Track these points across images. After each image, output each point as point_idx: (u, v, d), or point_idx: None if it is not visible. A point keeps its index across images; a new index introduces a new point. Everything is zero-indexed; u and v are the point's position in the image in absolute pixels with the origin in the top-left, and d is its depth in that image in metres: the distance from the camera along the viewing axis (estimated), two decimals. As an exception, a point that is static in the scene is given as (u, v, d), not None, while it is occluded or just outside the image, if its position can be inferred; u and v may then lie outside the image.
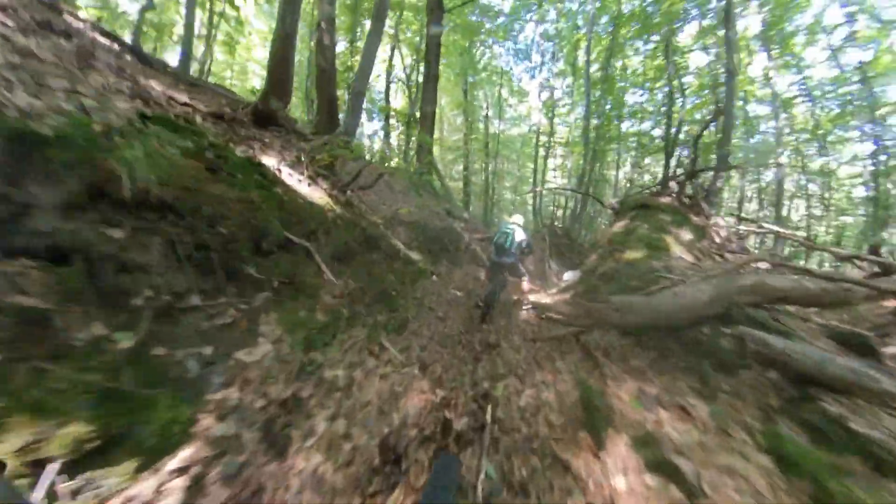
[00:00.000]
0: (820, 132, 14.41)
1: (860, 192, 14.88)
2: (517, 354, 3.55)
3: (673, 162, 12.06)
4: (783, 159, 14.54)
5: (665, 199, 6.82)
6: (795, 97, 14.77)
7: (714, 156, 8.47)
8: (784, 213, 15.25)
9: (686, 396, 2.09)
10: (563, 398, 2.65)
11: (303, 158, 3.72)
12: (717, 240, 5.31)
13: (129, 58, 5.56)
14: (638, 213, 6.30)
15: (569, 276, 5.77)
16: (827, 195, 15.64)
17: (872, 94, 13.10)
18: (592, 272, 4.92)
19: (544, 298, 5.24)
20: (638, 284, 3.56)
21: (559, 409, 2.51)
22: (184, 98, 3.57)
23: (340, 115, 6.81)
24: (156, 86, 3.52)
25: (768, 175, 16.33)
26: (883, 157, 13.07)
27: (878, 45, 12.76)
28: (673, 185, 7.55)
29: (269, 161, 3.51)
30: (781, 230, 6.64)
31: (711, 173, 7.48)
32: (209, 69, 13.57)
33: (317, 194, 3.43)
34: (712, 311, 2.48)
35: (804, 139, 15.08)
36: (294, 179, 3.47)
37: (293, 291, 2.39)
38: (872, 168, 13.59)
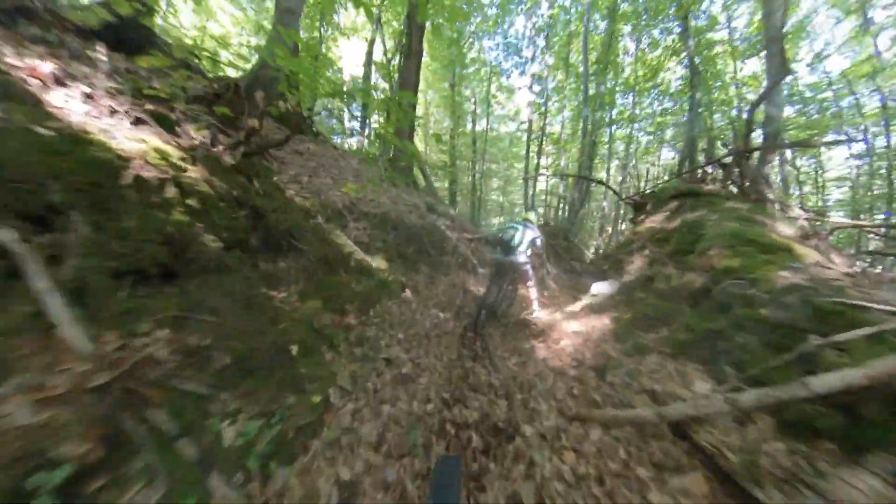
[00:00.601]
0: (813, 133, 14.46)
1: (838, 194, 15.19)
2: (557, 460, 1.74)
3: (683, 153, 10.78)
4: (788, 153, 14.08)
5: (710, 186, 5.26)
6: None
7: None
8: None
9: None
10: None
11: (118, 78, 1.87)
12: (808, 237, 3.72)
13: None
14: (684, 203, 4.69)
15: (599, 288, 4.06)
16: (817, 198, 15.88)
17: (855, 98, 13.24)
18: (645, 285, 3.22)
19: (569, 323, 3.51)
20: (782, 317, 1.86)
21: None
22: None
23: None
24: None
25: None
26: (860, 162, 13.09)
27: (856, 53, 12.73)
28: (710, 168, 6.03)
29: (43, 69, 1.65)
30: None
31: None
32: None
33: (138, 136, 1.60)
34: None
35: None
36: (85, 108, 1.62)
37: None
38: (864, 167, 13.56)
